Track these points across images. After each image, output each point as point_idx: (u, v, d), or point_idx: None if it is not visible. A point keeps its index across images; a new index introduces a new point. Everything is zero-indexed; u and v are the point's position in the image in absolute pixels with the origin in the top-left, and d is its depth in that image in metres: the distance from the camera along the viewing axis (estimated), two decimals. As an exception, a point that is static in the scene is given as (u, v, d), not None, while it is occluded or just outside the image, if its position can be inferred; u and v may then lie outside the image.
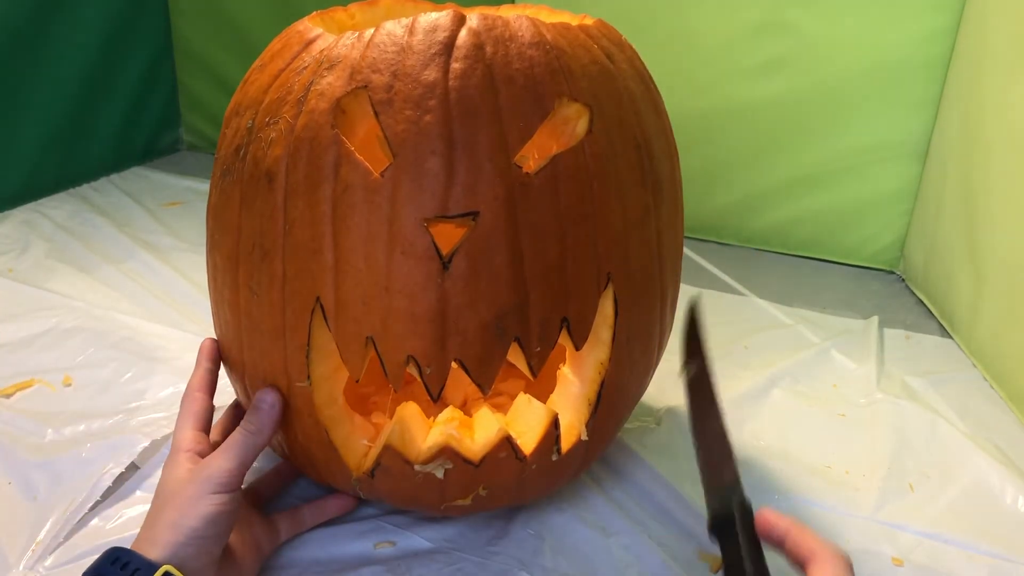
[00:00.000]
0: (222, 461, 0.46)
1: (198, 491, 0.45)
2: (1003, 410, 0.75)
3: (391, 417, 0.51)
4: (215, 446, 0.49)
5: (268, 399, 0.49)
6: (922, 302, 0.97)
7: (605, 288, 0.49)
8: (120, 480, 0.59)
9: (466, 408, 0.59)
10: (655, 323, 0.55)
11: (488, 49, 0.46)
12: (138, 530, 0.54)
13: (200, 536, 0.44)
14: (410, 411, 0.50)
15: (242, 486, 0.48)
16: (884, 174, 1.02)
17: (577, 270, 0.47)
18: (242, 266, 0.49)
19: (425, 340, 0.45)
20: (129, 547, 0.44)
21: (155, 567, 0.42)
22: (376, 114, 0.45)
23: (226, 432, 0.53)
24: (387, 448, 0.49)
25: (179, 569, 0.43)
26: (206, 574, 0.45)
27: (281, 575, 0.52)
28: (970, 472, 0.65)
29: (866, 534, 0.58)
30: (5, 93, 1.09)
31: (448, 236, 0.45)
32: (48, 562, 0.52)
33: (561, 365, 0.53)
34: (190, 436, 0.49)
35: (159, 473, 0.59)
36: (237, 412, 0.57)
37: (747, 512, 0.45)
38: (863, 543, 0.57)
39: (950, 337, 0.88)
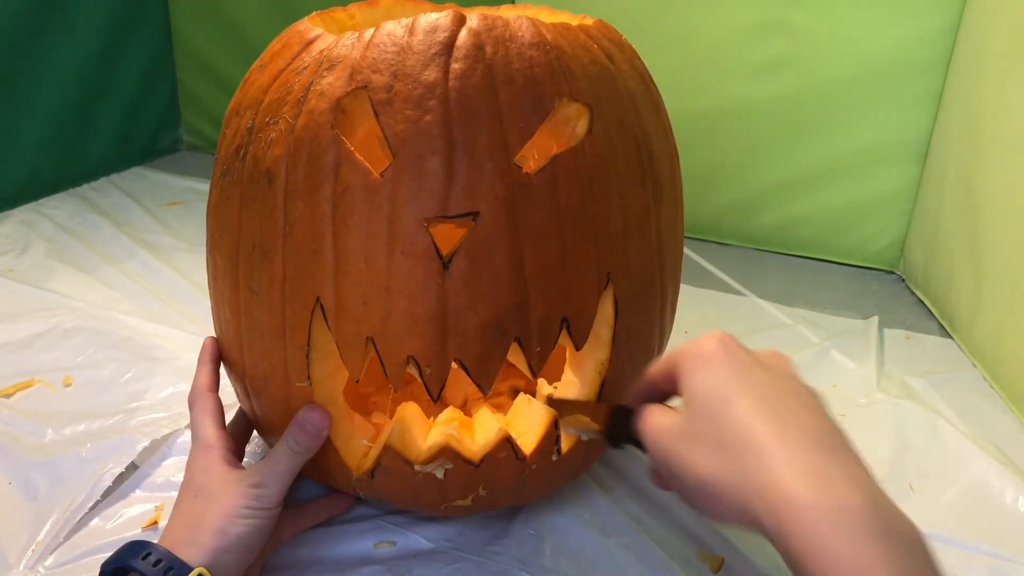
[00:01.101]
0: (269, 483, 0.47)
1: (245, 503, 0.46)
2: (1003, 410, 0.75)
3: (391, 417, 0.51)
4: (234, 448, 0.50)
5: (317, 423, 0.48)
6: (922, 302, 0.97)
7: (605, 288, 0.49)
8: (120, 480, 0.59)
9: (466, 408, 0.59)
10: (655, 323, 0.55)
11: (488, 49, 0.46)
12: (139, 530, 0.55)
13: (245, 545, 0.45)
14: (410, 411, 0.50)
15: None
16: (884, 174, 1.02)
17: (577, 270, 0.47)
18: (242, 266, 0.49)
19: (425, 340, 0.45)
20: (154, 542, 0.44)
21: (189, 568, 0.42)
22: (376, 114, 0.45)
23: (235, 437, 0.54)
24: (387, 448, 0.49)
25: (215, 574, 0.43)
26: None
27: (281, 575, 0.52)
28: (970, 472, 0.64)
29: (866, 534, 0.58)
30: (5, 93, 1.09)
31: (448, 236, 0.45)
32: (48, 562, 0.52)
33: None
34: (216, 433, 0.50)
35: (159, 473, 0.60)
36: (245, 415, 0.57)
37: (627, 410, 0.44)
38: (863, 543, 0.57)
39: (950, 337, 0.88)
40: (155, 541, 0.45)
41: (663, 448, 0.39)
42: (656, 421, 0.39)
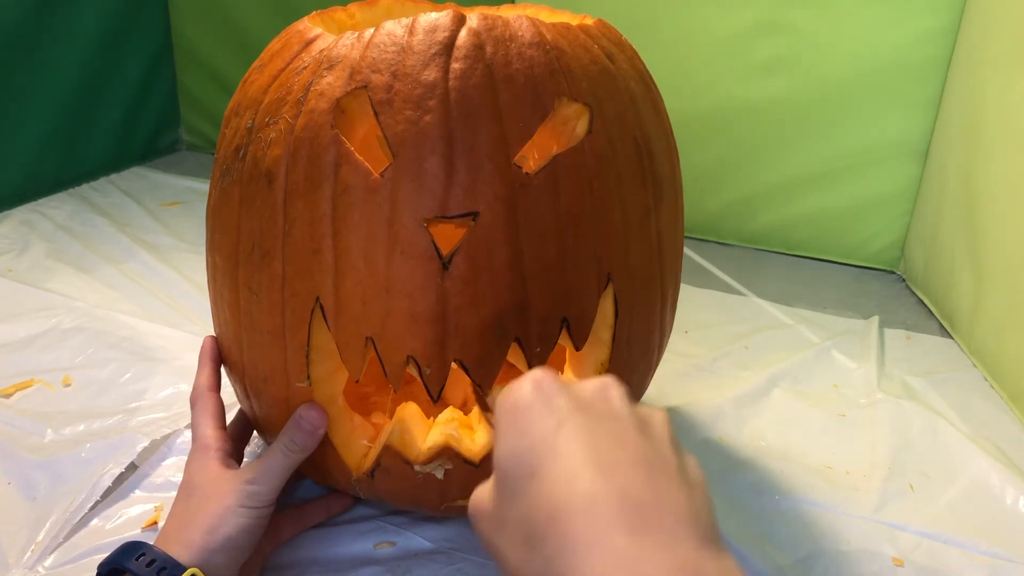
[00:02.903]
0: (263, 480, 0.47)
1: (237, 502, 0.46)
2: (1003, 410, 0.75)
3: (391, 417, 0.51)
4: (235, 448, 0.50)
5: (314, 421, 0.48)
6: (922, 302, 0.97)
7: (605, 288, 0.49)
8: (120, 480, 0.59)
9: (466, 408, 0.59)
10: (655, 323, 0.55)
11: (488, 49, 0.46)
12: (138, 530, 0.55)
13: (235, 545, 0.45)
14: (410, 411, 0.50)
15: None
16: (884, 174, 1.02)
17: (577, 270, 0.47)
18: (242, 266, 0.49)
19: (425, 340, 0.45)
20: (150, 543, 0.44)
21: (182, 568, 0.42)
22: (376, 114, 0.45)
23: (235, 439, 0.54)
24: (387, 448, 0.49)
25: (207, 574, 0.43)
26: None
27: (281, 575, 0.52)
28: (970, 472, 0.65)
29: (866, 534, 0.58)
30: (5, 93, 1.09)
31: (448, 236, 0.45)
32: (48, 562, 0.52)
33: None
34: (214, 434, 0.50)
35: (159, 473, 0.60)
36: (245, 416, 0.57)
37: None
38: (863, 543, 0.57)
39: (950, 337, 0.88)
40: (152, 541, 0.45)
41: (476, 529, 0.34)
42: (475, 497, 0.35)
